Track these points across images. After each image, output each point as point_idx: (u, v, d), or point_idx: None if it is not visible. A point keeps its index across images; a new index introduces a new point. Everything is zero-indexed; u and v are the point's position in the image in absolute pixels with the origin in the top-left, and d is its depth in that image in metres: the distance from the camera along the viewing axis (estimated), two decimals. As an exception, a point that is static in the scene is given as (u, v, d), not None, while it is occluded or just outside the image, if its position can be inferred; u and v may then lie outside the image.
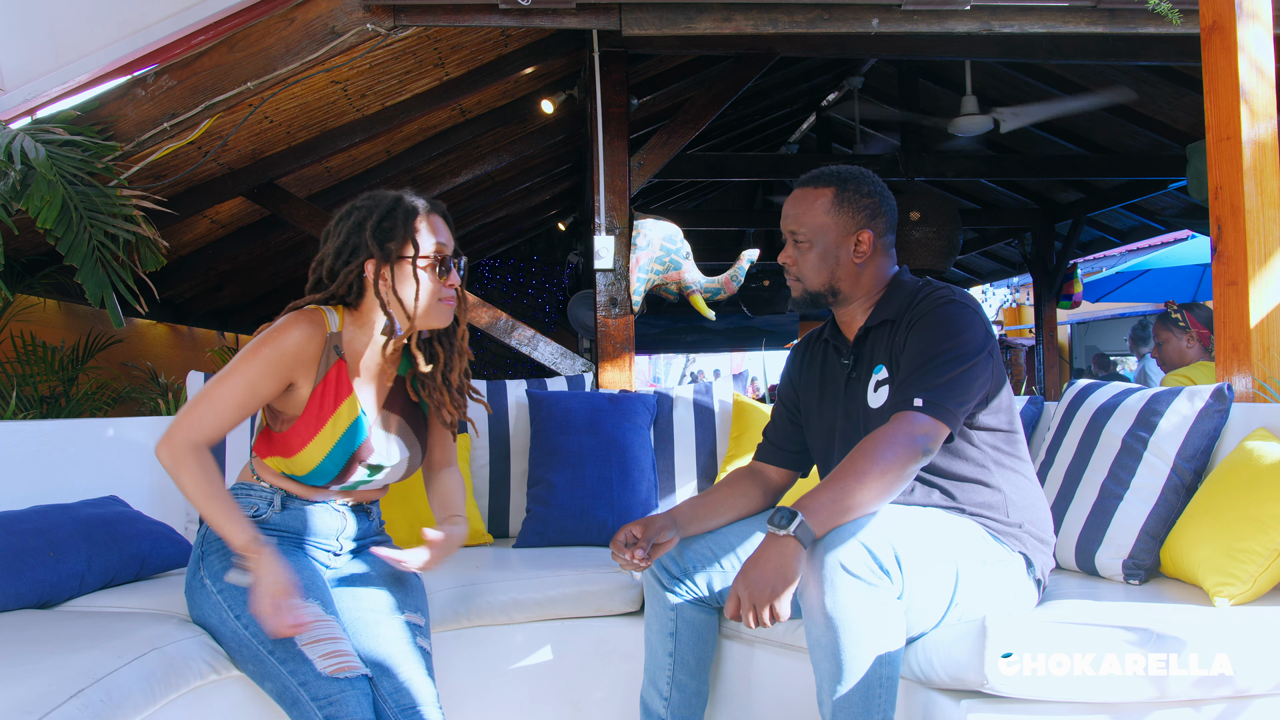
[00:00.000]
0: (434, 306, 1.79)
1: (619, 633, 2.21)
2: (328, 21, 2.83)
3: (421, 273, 1.78)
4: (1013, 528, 1.78)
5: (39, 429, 2.50)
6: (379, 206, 1.78)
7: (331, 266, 1.80)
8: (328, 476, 1.80)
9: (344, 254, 1.78)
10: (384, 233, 1.76)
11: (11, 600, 1.91)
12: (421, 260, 1.77)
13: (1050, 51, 3.81)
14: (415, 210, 1.80)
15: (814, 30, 3.09)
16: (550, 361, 3.81)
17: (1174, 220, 7.43)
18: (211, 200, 3.87)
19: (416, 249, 1.77)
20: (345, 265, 1.78)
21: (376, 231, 1.76)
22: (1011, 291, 14.33)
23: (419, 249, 1.77)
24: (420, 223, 1.79)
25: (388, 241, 1.76)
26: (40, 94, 2.85)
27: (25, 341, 3.47)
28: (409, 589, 1.88)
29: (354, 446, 1.78)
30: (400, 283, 1.77)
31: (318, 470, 1.78)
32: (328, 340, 1.77)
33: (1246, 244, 2.21)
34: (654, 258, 3.41)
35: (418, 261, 1.77)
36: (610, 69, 3.52)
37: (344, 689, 1.59)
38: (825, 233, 1.86)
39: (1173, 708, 1.50)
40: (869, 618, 1.52)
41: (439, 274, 1.79)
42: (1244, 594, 1.70)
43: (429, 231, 1.79)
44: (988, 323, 1.79)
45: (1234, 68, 2.24)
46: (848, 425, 1.88)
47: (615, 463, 2.65)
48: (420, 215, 1.80)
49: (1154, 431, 2.02)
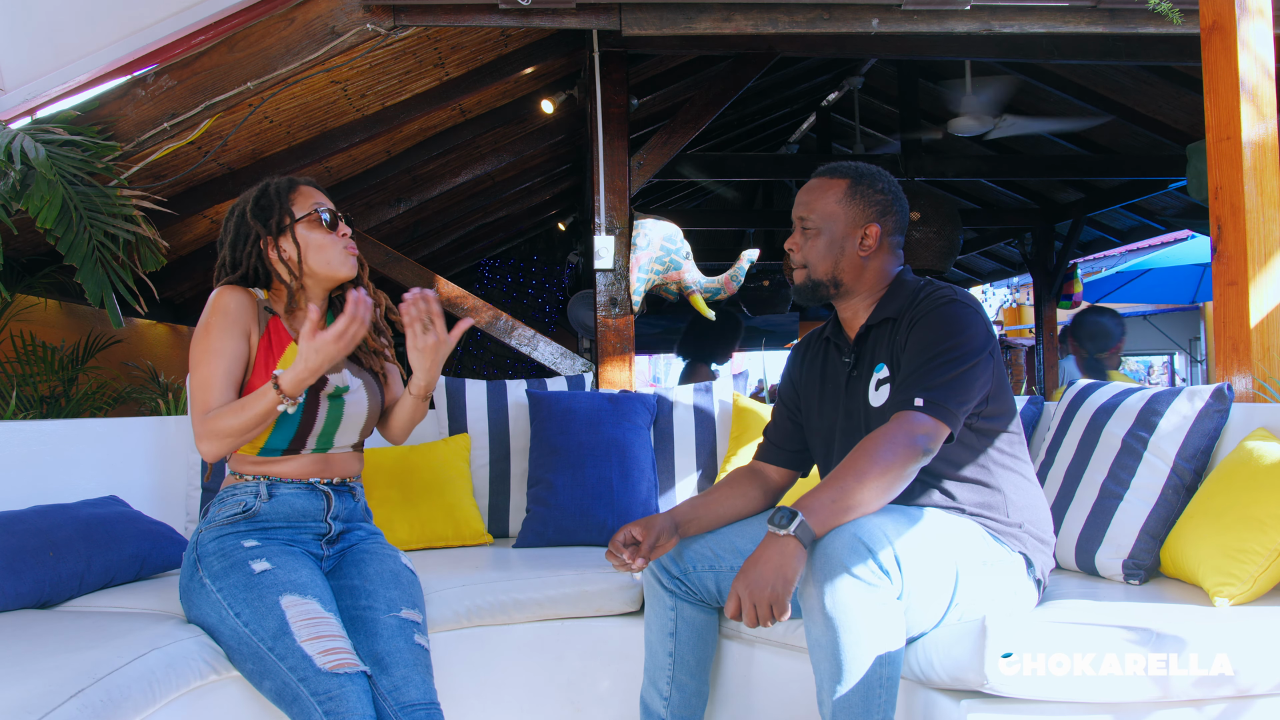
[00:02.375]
0: (333, 256, 1.94)
1: (619, 633, 2.21)
2: (328, 21, 2.83)
3: (308, 231, 1.92)
4: (1013, 528, 1.78)
5: (39, 429, 2.50)
6: (251, 194, 1.96)
7: (232, 259, 1.96)
8: (295, 422, 1.86)
9: (238, 244, 1.95)
10: (262, 211, 1.93)
11: (11, 600, 1.91)
12: (303, 222, 1.92)
13: (1050, 51, 3.81)
14: (285, 185, 1.96)
15: (814, 30, 3.08)
16: (550, 361, 3.81)
17: (1174, 220, 7.43)
18: (211, 200, 3.87)
19: (292, 215, 1.92)
20: (242, 251, 1.94)
21: (256, 212, 1.93)
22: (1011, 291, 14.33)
23: (294, 215, 1.93)
24: (293, 194, 1.95)
25: (269, 217, 1.92)
26: (40, 94, 2.85)
27: (25, 341, 3.46)
28: (405, 587, 1.88)
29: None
30: (290, 249, 1.93)
31: (285, 418, 1.85)
32: (259, 303, 1.93)
33: (1246, 244, 2.21)
34: (654, 258, 3.41)
35: (298, 225, 1.92)
36: (610, 69, 3.52)
37: (344, 684, 1.59)
38: (834, 221, 1.87)
39: (1173, 708, 1.50)
40: (869, 618, 1.52)
41: (326, 226, 1.93)
42: (1244, 594, 1.70)
43: (302, 198, 1.95)
44: (989, 323, 1.79)
45: (1234, 68, 2.24)
46: (848, 424, 1.88)
47: (615, 463, 2.65)
48: (291, 188, 1.96)
49: (1154, 431, 2.02)
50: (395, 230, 5.93)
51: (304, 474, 1.91)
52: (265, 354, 1.89)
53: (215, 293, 1.90)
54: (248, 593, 1.70)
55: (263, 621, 1.66)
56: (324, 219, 1.93)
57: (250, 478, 1.89)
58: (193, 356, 1.86)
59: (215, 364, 1.82)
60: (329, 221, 1.94)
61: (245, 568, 1.74)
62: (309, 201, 1.94)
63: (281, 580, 1.71)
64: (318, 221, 1.93)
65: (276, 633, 1.64)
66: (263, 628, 1.65)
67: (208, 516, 1.88)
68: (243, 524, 1.84)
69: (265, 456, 1.89)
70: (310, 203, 1.94)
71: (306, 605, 1.68)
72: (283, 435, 1.87)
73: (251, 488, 1.88)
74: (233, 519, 1.84)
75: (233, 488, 1.89)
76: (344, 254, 1.95)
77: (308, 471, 1.92)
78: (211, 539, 1.81)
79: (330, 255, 1.93)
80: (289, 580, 1.72)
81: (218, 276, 1.97)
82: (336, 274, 1.95)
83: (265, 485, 1.88)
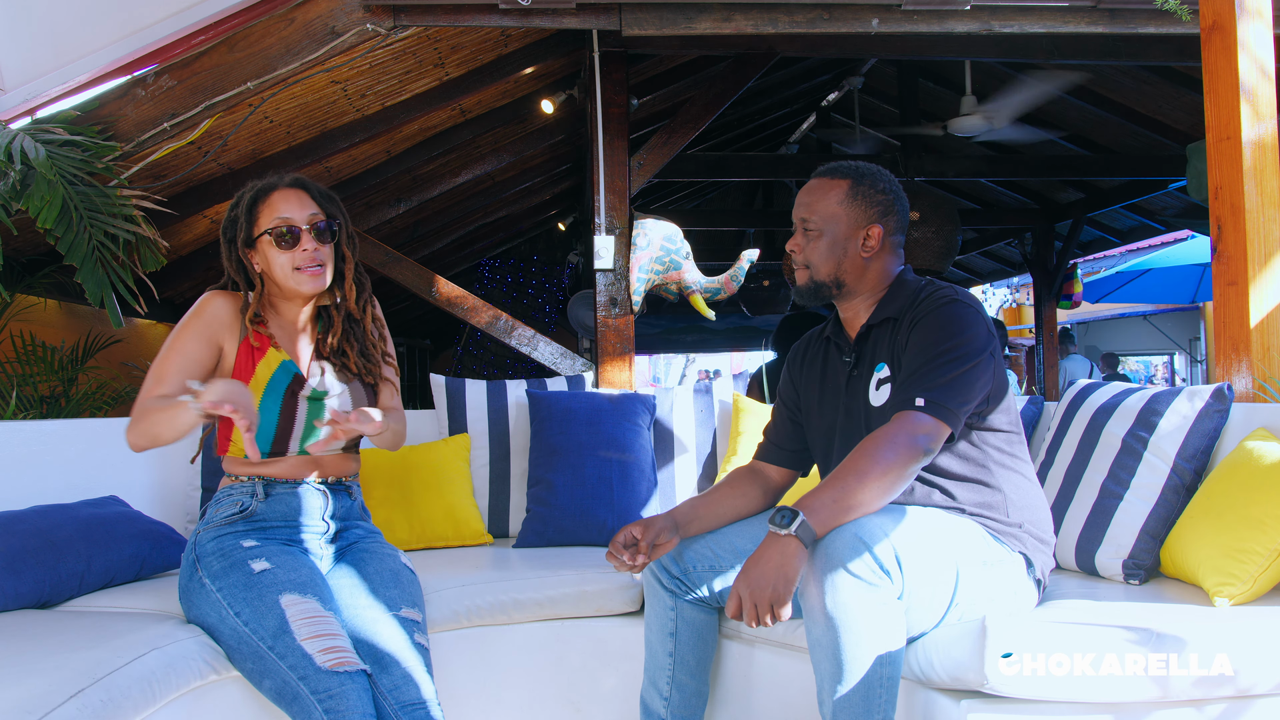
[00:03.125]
0: (289, 275, 1.90)
1: (619, 633, 2.21)
2: (328, 21, 2.83)
3: (266, 246, 1.90)
4: (1013, 528, 1.78)
5: (39, 429, 2.50)
6: (234, 201, 1.94)
7: (225, 261, 1.96)
8: (272, 426, 1.86)
9: (226, 250, 1.95)
10: (231, 223, 1.92)
11: (11, 600, 1.91)
12: (264, 237, 1.89)
13: (1050, 51, 3.81)
14: (257, 194, 1.92)
15: (814, 30, 3.08)
16: (550, 361, 3.80)
17: (1174, 220, 7.43)
18: (211, 200, 3.87)
19: (255, 228, 1.90)
20: (228, 258, 1.94)
21: (226, 225, 1.93)
22: (1011, 291, 14.33)
23: (257, 228, 1.90)
24: (263, 204, 1.91)
25: (236, 232, 1.91)
26: (40, 94, 2.85)
27: (25, 341, 3.46)
28: (405, 586, 1.88)
29: (288, 379, 1.87)
30: (261, 259, 1.91)
31: (266, 420, 1.85)
32: (243, 308, 1.92)
33: (1246, 244, 2.21)
34: (654, 258, 3.41)
35: (261, 239, 1.90)
36: (610, 69, 3.52)
37: (344, 683, 1.59)
38: (836, 223, 1.86)
39: (1173, 708, 1.50)
40: (869, 618, 1.52)
41: (285, 245, 1.89)
42: (1244, 594, 1.70)
43: (269, 209, 1.90)
44: (989, 323, 1.79)
45: (1234, 68, 2.23)
46: (849, 423, 1.88)
47: (615, 463, 2.65)
48: (266, 195, 1.92)
49: (1154, 431, 2.02)
50: (395, 230, 5.93)
51: (296, 474, 1.92)
52: (246, 358, 1.89)
53: (203, 296, 1.92)
54: (247, 592, 1.70)
55: (262, 621, 1.66)
56: (279, 236, 1.88)
57: (245, 478, 1.90)
58: (166, 344, 1.87)
59: (174, 360, 1.83)
60: (284, 239, 1.88)
61: (245, 567, 1.74)
62: (273, 214, 1.89)
63: (281, 579, 1.71)
64: (272, 238, 1.89)
65: (276, 632, 1.64)
66: (262, 627, 1.65)
67: (206, 517, 1.88)
68: (241, 524, 1.84)
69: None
70: (274, 215, 1.89)
71: (306, 604, 1.68)
72: (263, 440, 1.88)
73: (247, 488, 1.88)
74: (231, 519, 1.84)
75: (229, 488, 1.90)
76: (300, 274, 1.89)
77: (300, 471, 1.92)
78: (210, 539, 1.81)
79: (287, 273, 1.89)
80: (288, 579, 1.72)
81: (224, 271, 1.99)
82: (299, 291, 1.91)
83: (260, 485, 1.88)
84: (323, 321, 2.02)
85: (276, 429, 1.88)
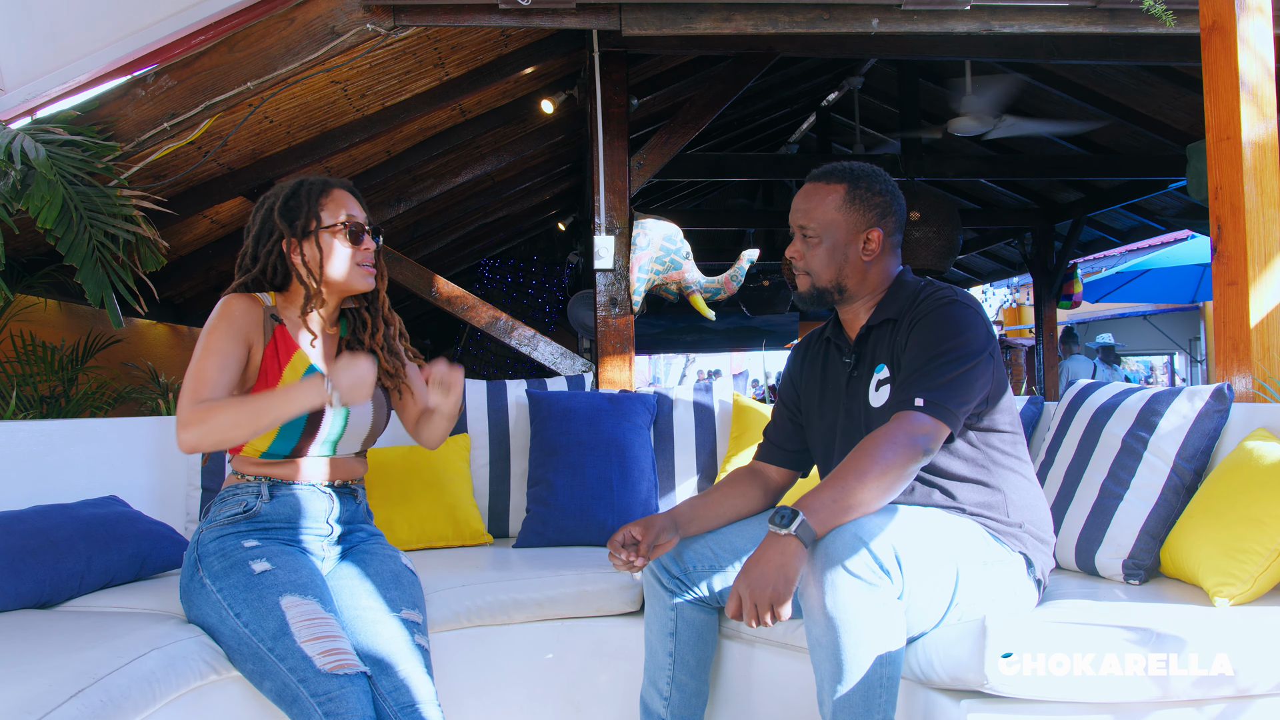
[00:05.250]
0: (351, 270, 1.92)
1: (619, 633, 2.21)
2: (328, 21, 2.83)
3: (331, 240, 1.90)
4: (1013, 528, 1.78)
5: (39, 429, 2.50)
6: (284, 190, 1.93)
7: (253, 253, 1.94)
8: (299, 427, 1.86)
9: (261, 239, 1.92)
10: (290, 211, 1.90)
11: (11, 600, 1.91)
12: (329, 230, 1.89)
13: (1050, 51, 3.82)
14: (318, 188, 1.93)
15: (814, 30, 3.09)
16: (550, 361, 3.81)
17: (1174, 220, 7.44)
18: (211, 200, 3.87)
19: (319, 221, 1.90)
20: (264, 248, 1.92)
21: (284, 212, 1.90)
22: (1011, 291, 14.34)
23: (322, 221, 1.90)
24: (324, 198, 1.92)
25: (295, 219, 1.89)
26: (40, 94, 2.85)
27: (25, 341, 3.46)
28: (406, 587, 1.88)
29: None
30: (313, 254, 1.90)
31: (291, 422, 1.84)
32: (265, 310, 1.91)
33: (1246, 244, 2.21)
34: (654, 258, 3.41)
35: (323, 232, 1.90)
36: (610, 69, 3.52)
37: (344, 685, 1.59)
38: (835, 229, 1.85)
39: (1173, 708, 1.50)
40: (869, 618, 1.52)
41: (350, 240, 1.91)
42: (1244, 594, 1.70)
43: (334, 204, 1.92)
44: (989, 323, 1.79)
45: (1234, 68, 2.23)
46: (849, 424, 1.88)
47: (615, 463, 2.65)
48: (324, 191, 1.92)
49: (1154, 431, 2.02)
50: (395, 230, 5.93)
51: (307, 476, 1.91)
52: (272, 360, 1.88)
53: (223, 299, 1.89)
54: (248, 593, 1.70)
55: (263, 622, 1.66)
56: (350, 232, 1.91)
57: (252, 478, 1.89)
58: (195, 351, 1.85)
59: (213, 361, 1.81)
60: (353, 235, 1.91)
61: (246, 568, 1.74)
62: (339, 210, 1.91)
63: (282, 581, 1.71)
64: (343, 233, 1.91)
65: (276, 633, 1.64)
66: (263, 628, 1.65)
67: (208, 516, 1.88)
68: (243, 524, 1.84)
69: (268, 459, 1.88)
70: (340, 211, 1.91)
71: (307, 606, 1.68)
72: (288, 440, 1.86)
73: (253, 488, 1.87)
74: (233, 519, 1.84)
75: (234, 487, 1.89)
76: (361, 270, 1.93)
77: (311, 474, 1.91)
78: (212, 539, 1.81)
79: (349, 268, 1.91)
80: (289, 581, 1.72)
81: (239, 265, 1.96)
82: (352, 287, 1.94)
83: (267, 486, 1.87)
84: (345, 323, 2.03)
85: (302, 432, 1.87)
